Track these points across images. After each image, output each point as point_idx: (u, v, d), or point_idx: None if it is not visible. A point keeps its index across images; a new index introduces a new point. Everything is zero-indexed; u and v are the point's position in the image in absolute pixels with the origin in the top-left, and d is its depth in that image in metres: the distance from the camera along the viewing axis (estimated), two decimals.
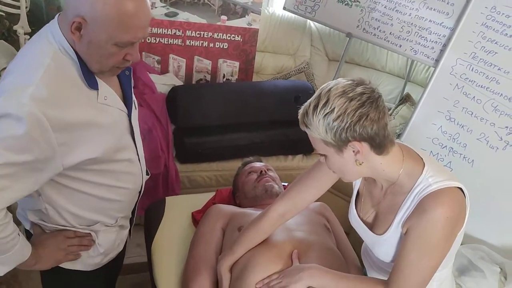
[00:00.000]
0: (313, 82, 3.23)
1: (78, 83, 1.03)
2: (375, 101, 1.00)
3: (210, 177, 2.54)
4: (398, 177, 1.09)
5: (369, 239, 1.21)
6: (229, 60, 2.85)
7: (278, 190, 1.69)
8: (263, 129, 2.64)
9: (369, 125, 0.99)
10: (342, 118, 0.98)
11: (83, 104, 1.03)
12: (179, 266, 1.51)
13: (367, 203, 1.23)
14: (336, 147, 1.03)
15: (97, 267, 1.29)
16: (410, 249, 1.05)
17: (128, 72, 1.19)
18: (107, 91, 1.10)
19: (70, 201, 1.14)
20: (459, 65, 2.10)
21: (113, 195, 1.20)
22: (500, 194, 1.91)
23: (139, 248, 2.24)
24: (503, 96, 1.95)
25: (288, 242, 1.34)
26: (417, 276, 1.06)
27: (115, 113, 1.13)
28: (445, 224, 1.01)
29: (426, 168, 1.08)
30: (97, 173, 1.13)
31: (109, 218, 1.26)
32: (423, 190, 1.05)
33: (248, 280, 1.25)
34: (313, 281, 1.17)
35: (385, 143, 1.04)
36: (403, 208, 1.09)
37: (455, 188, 1.05)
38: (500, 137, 1.95)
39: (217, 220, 1.53)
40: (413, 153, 1.13)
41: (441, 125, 2.12)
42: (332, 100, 1.00)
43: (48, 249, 1.16)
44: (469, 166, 2.02)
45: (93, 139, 1.06)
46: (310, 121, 1.03)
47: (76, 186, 1.12)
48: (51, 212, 1.14)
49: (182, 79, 2.77)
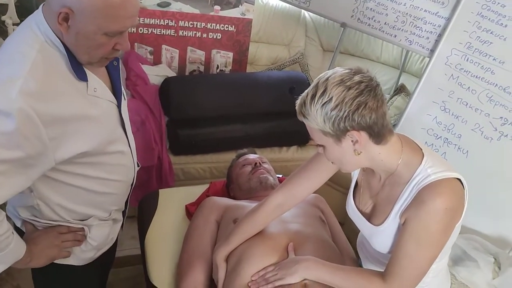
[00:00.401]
0: (307, 73, 3.21)
1: (66, 75, 1.00)
2: (373, 89, 0.99)
3: (204, 169, 2.53)
4: (396, 168, 1.09)
5: (367, 229, 1.20)
6: (223, 51, 2.82)
7: (272, 182, 1.68)
8: (257, 120, 2.62)
9: (367, 114, 0.98)
10: (340, 107, 0.97)
11: (73, 96, 1.01)
12: (173, 259, 1.50)
13: (365, 194, 1.22)
14: (334, 137, 1.02)
15: (89, 261, 1.28)
16: (407, 240, 1.05)
17: (116, 62, 1.17)
18: (96, 83, 1.07)
19: (63, 195, 1.12)
20: (454, 56, 2.09)
21: (106, 188, 1.19)
22: (494, 185, 1.91)
23: (134, 241, 2.23)
24: (498, 86, 1.94)
25: (283, 235, 1.33)
26: (414, 267, 1.06)
27: (105, 105, 1.11)
28: (443, 216, 1.01)
29: (425, 159, 1.07)
30: (89, 166, 1.11)
31: (103, 212, 1.24)
32: (422, 180, 1.04)
33: (243, 272, 1.24)
34: (309, 273, 1.17)
35: (383, 132, 1.03)
36: (401, 198, 1.08)
37: (454, 179, 1.04)
38: (495, 128, 1.94)
39: (211, 213, 1.52)
40: (412, 143, 1.12)
41: (436, 115, 2.12)
42: (330, 89, 0.98)
43: (41, 246, 1.14)
44: (464, 157, 2.02)
45: (85, 132, 1.04)
46: (308, 111, 1.02)
47: (68, 180, 1.10)
48: (44, 208, 1.12)
49: (175, 70, 2.74)
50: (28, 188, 1.05)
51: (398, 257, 1.06)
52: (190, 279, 1.33)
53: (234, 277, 1.25)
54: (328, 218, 1.62)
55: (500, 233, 1.92)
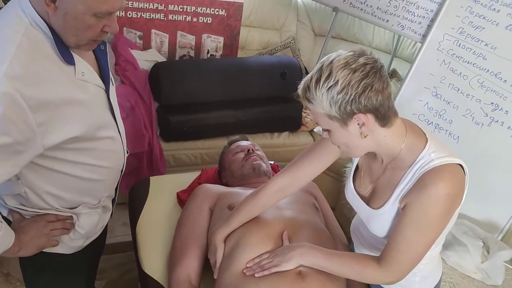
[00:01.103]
0: (299, 58, 3.19)
1: (53, 59, 0.98)
2: (379, 71, 0.98)
3: (196, 155, 2.52)
4: (400, 152, 1.08)
5: (365, 213, 1.20)
6: (214, 35, 2.79)
7: (265, 169, 1.67)
8: (248, 106, 2.61)
9: (374, 96, 0.97)
10: (347, 90, 0.96)
11: (60, 80, 0.99)
12: (164, 246, 1.49)
13: (365, 178, 1.22)
14: (341, 121, 1.01)
15: (78, 249, 1.27)
16: (407, 224, 1.04)
17: (103, 46, 1.14)
18: (84, 67, 1.05)
19: (51, 182, 1.10)
20: (446, 41, 2.08)
21: (95, 174, 1.17)
22: (484, 170, 1.93)
23: (125, 227, 2.23)
24: (489, 72, 1.94)
25: (278, 221, 1.33)
26: (411, 252, 1.06)
27: (93, 90, 1.09)
28: (445, 201, 1.01)
29: (428, 143, 1.06)
30: (78, 152, 1.09)
31: (93, 199, 1.23)
32: (425, 165, 1.04)
33: (239, 258, 1.24)
34: (304, 259, 1.17)
35: (389, 114, 1.02)
36: (403, 182, 1.08)
37: (456, 165, 1.04)
38: (486, 113, 1.95)
39: (204, 200, 1.52)
40: (416, 128, 1.12)
41: (428, 101, 2.12)
42: (335, 72, 0.97)
43: (30, 235, 1.13)
44: (455, 143, 2.03)
45: (73, 117, 1.02)
46: (313, 95, 1.00)
47: (57, 167, 1.08)
48: (31, 196, 1.10)
49: (165, 55, 2.70)
50: (15, 175, 1.03)
51: (396, 241, 1.06)
52: (184, 266, 1.33)
53: (230, 263, 1.25)
54: (321, 205, 1.63)
55: (489, 218, 1.94)
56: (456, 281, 1.68)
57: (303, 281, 1.17)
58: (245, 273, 1.20)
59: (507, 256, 1.75)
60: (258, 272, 1.18)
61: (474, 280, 1.71)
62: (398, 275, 1.09)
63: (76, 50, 1.03)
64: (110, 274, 2.15)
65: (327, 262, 1.15)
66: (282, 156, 2.67)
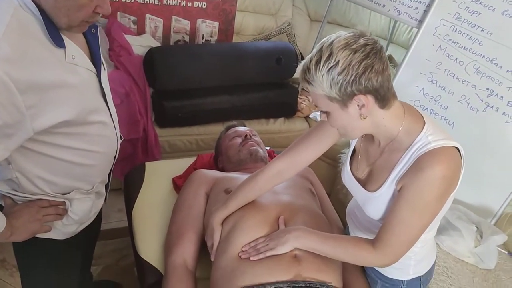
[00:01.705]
0: (294, 43, 3.17)
1: (43, 41, 0.96)
2: (379, 52, 0.98)
3: (191, 141, 2.51)
4: (397, 134, 1.08)
5: (361, 196, 1.21)
6: (208, 20, 2.76)
7: (262, 154, 1.67)
8: (244, 92, 2.60)
9: (374, 77, 0.97)
10: (347, 71, 0.96)
11: (50, 63, 0.98)
12: (160, 232, 1.50)
13: (362, 161, 1.22)
14: (340, 102, 1.01)
15: (71, 235, 1.26)
16: (403, 207, 1.05)
17: (94, 30, 1.13)
18: (74, 50, 1.04)
19: (43, 167, 1.09)
20: (443, 26, 2.07)
21: (87, 159, 1.16)
22: (479, 156, 1.93)
23: (120, 213, 2.23)
24: (485, 57, 1.94)
25: (275, 206, 1.34)
26: (406, 234, 1.06)
27: (84, 73, 1.07)
28: (441, 184, 1.01)
29: (426, 126, 1.07)
30: (70, 137, 1.08)
31: (85, 184, 1.22)
32: (422, 147, 1.04)
33: (235, 242, 1.24)
34: (299, 242, 1.18)
35: (388, 95, 1.02)
36: (400, 165, 1.08)
37: (453, 148, 1.04)
38: (481, 99, 1.95)
39: (200, 185, 1.52)
40: (414, 110, 1.12)
41: (423, 87, 2.12)
42: (335, 53, 0.97)
43: (22, 220, 1.12)
44: (450, 128, 2.04)
45: (64, 101, 1.01)
46: (313, 77, 1.00)
47: (48, 152, 1.07)
48: (23, 181, 1.09)
49: (159, 40, 2.68)
50: (5, 160, 1.02)
51: (391, 223, 1.06)
52: (180, 251, 1.33)
53: (226, 246, 1.25)
54: (317, 190, 1.63)
55: (483, 202, 1.96)
56: (449, 265, 1.70)
57: (299, 265, 1.18)
58: (241, 257, 1.21)
59: (500, 240, 1.77)
60: (253, 256, 1.19)
61: (468, 264, 1.73)
62: (392, 257, 1.09)
63: (67, 33, 1.01)
64: (106, 260, 2.16)
65: (322, 245, 1.16)
66: (278, 142, 2.67)
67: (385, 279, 1.28)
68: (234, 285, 1.17)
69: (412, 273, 1.26)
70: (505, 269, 1.75)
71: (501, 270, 1.74)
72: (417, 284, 1.29)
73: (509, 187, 1.89)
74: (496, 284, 1.67)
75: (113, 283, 2.02)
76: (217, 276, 1.23)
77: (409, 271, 1.25)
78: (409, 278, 1.26)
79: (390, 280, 1.28)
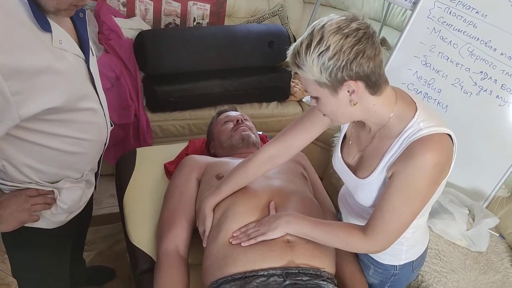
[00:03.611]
0: (287, 26, 3.13)
1: (28, 25, 0.93)
2: (371, 37, 0.95)
3: (183, 126, 2.49)
4: (388, 120, 1.06)
5: (352, 182, 1.20)
6: (200, 3, 2.70)
7: (254, 139, 1.66)
8: (236, 76, 2.57)
9: (365, 63, 0.94)
10: (338, 56, 0.93)
11: (36, 48, 0.95)
12: (152, 218, 1.49)
13: (353, 147, 1.21)
14: (330, 88, 0.99)
15: (61, 224, 1.25)
16: (393, 194, 1.04)
17: (82, 14, 1.09)
18: (61, 34, 1.00)
19: (29, 155, 1.07)
20: (437, 8, 2.04)
21: (77, 147, 1.14)
22: (472, 139, 1.94)
23: (112, 199, 2.22)
24: (479, 40, 1.92)
25: (266, 191, 1.33)
26: (397, 221, 1.06)
27: (72, 59, 1.04)
28: (432, 171, 1.00)
29: (418, 113, 1.05)
30: (58, 124, 1.06)
31: (75, 172, 1.20)
32: (413, 134, 1.02)
33: (226, 228, 1.24)
34: (290, 227, 1.18)
35: (380, 82, 1.00)
36: (390, 151, 1.07)
37: (445, 135, 1.03)
38: (475, 82, 1.94)
39: (192, 171, 1.50)
40: (406, 96, 1.10)
41: (417, 70, 2.10)
42: (326, 37, 0.94)
43: (10, 210, 1.10)
44: (443, 112, 2.03)
45: (51, 87, 0.98)
46: (303, 61, 0.97)
47: (36, 139, 1.05)
48: (10, 169, 1.07)
49: (150, 23, 2.62)
50: None
51: (382, 210, 1.06)
52: (172, 237, 1.33)
53: (218, 232, 1.25)
54: (310, 174, 1.63)
55: (475, 186, 1.97)
56: (441, 248, 1.71)
57: (292, 250, 1.18)
58: (232, 243, 1.20)
59: (492, 223, 1.78)
60: (244, 242, 1.18)
61: (459, 247, 1.75)
62: (383, 244, 1.09)
63: (54, 17, 0.98)
64: (99, 245, 2.16)
65: (313, 231, 1.16)
66: (271, 126, 2.65)
67: (377, 264, 1.29)
68: (227, 272, 1.16)
69: (404, 258, 1.26)
70: (496, 252, 1.77)
71: (492, 252, 1.76)
72: (410, 268, 1.29)
73: (502, 170, 1.90)
74: (487, 266, 1.69)
75: (106, 269, 2.02)
76: (209, 264, 1.22)
77: (402, 256, 1.26)
78: (402, 263, 1.27)
79: (382, 265, 1.28)
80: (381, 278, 1.31)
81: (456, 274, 1.61)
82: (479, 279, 1.62)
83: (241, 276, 1.15)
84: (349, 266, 1.33)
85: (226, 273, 1.16)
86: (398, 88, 1.11)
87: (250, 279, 1.14)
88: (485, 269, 1.67)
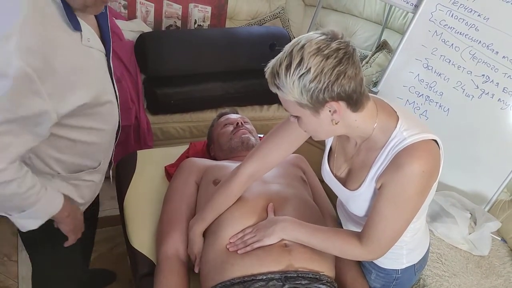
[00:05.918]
0: (288, 28, 3.13)
1: (61, 26, 0.95)
2: (351, 56, 0.94)
3: (184, 128, 2.49)
4: (372, 132, 1.06)
5: (343, 194, 1.20)
6: (201, 5, 2.71)
7: (254, 142, 1.65)
8: (237, 78, 2.56)
9: (347, 83, 0.93)
10: (319, 78, 0.92)
11: (69, 48, 0.97)
12: (152, 221, 1.48)
13: (340, 159, 1.21)
14: (312, 109, 0.97)
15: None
16: (384, 204, 1.04)
17: (104, 9, 1.11)
18: (89, 32, 1.04)
19: (56, 148, 1.10)
20: (439, 11, 2.04)
21: (97, 138, 1.17)
22: (473, 142, 1.93)
23: (113, 201, 2.20)
24: (481, 43, 1.92)
25: (264, 196, 1.32)
26: (391, 229, 1.06)
27: (97, 55, 1.08)
28: (420, 179, 1.00)
29: (400, 122, 1.04)
30: (86, 118, 1.09)
31: (93, 161, 1.23)
32: (398, 144, 1.02)
33: (222, 234, 1.24)
34: (286, 233, 1.17)
35: (361, 99, 0.99)
36: (377, 163, 1.06)
37: (430, 141, 1.03)
38: (476, 85, 1.94)
39: (191, 174, 1.50)
40: (387, 107, 1.09)
41: (418, 73, 2.09)
42: (307, 59, 0.92)
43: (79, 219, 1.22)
44: (445, 115, 2.02)
45: (82, 84, 1.01)
46: (283, 83, 0.95)
47: (64, 133, 1.07)
48: (36, 162, 1.09)
49: (151, 25, 2.63)
50: None
51: (375, 220, 1.06)
52: (172, 241, 1.32)
53: (215, 239, 1.25)
54: (310, 178, 1.62)
55: (477, 189, 1.96)
56: (443, 252, 1.70)
57: (289, 254, 1.17)
58: (229, 249, 1.20)
59: (494, 227, 1.77)
60: (241, 249, 1.18)
61: (461, 250, 1.74)
62: (379, 252, 1.10)
63: (80, 14, 1.00)
64: (100, 248, 2.14)
65: (310, 237, 1.15)
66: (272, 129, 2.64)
67: (379, 269, 1.28)
68: (225, 278, 1.16)
69: (405, 262, 1.26)
70: (498, 256, 1.76)
71: (494, 256, 1.75)
72: (412, 272, 1.29)
73: (504, 174, 1.89)
74: (489, 270, 1.67)
75: (107, 271, 2.02)
76: (207, 270, 1.22)
77: (403, 260, 1.25)
78: (403, 267, 1.27)
79: (384, 270, 1.28)
80: (383, 282, 1.31)
81: (458, 278, 1.60)
82: (481, 283, 1.61)
83: (240, 280, 1.14)
84: (350, 271, 1.33)
85: (224, 278, 1.16)
86: (378, 98, 1.11)
87: (249, 284, 1.13)
88: (487, 273, 1.66)
